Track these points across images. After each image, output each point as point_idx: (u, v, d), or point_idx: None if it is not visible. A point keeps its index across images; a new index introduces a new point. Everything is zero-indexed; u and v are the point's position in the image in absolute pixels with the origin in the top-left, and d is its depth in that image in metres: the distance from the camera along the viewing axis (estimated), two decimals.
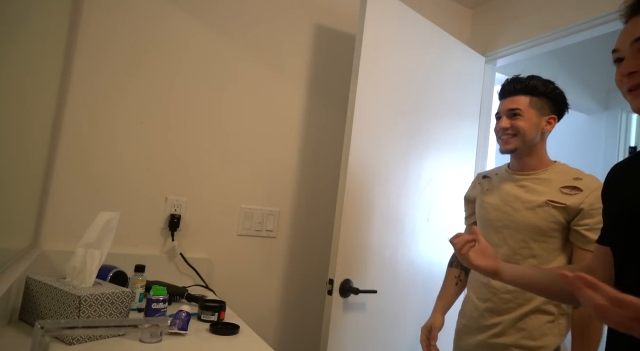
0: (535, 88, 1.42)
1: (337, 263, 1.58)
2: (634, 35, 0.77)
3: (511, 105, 1.41)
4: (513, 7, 2.20)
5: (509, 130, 1.41)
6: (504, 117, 1.42)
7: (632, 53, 0.77)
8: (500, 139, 1.44)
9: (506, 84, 1.46)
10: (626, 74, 0.77)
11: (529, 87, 1.42)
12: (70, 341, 0.95)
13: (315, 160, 1.99)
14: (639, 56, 0.76)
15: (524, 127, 1.39)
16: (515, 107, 1.40)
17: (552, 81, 1.47)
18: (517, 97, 1.42)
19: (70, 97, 1.55)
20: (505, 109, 1.42)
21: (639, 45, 0.76)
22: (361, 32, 1.66)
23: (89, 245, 1.12)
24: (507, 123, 1.40)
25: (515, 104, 1.41)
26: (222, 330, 1.18)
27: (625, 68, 0.77)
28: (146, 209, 1.66)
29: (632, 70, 0.76)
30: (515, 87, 1.43)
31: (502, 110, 1.44)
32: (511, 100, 1.42)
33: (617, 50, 0.81)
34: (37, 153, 1.27)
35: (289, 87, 1.94)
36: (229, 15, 1.82)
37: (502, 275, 1.05)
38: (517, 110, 1.40)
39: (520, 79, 1.44)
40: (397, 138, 1.82)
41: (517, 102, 1.41)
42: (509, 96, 1.44)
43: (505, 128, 1.40)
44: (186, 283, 1.68)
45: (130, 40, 1.64)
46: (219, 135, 1.80)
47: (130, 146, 1.64)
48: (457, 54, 2.10)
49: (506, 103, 1.43)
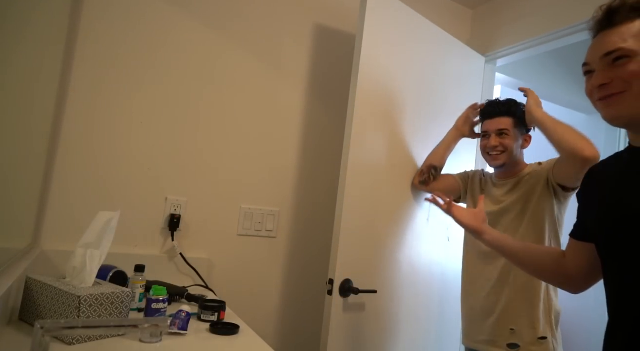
0: (517, 112, 1.57)
1: (337, 263, 1.58)
2: (603, 51, 0.84)
3: (500, 126, 1.57)
4: (513, 7, 2.20)
5: (498, 147, 1.56)
6: (494, 136, 1.57)
7: (603, 66, 0.84)
8: (489, 155, 1.59)
9: (491, 107, 1.62)
10: (597, 86, 0.84)
11: (512, 110, 1.57)
12: (70, 341, 0.95)
13: (315, 160, 1.99)
14: (609, 69, 0.83)
15: (511, 144, 1.56)
16: (503, 128, 1.56)
17: None
18: (504, 118, 1.57)
19: (70, 97, 1.55)
20: (495, 129, 1.57)
21: (608, 60, 0.83)
22: (361, 32, 1.65)
23: (89, 245, 1.12)
24: (497, 142, 1.56)
25: (503, 125, 1.57)
26: (222, 330, 1.18)
27: (596, 80, 0.84)
28: (146, 209, 1.66)
29: (603, 83, 0.84)
30: (501, 110, 1.59)
31: (490, 129, 1.59)
32: (498, 121, 1.58)
33: (588, 63, 0.89)
34: (37, 154, 1.27)
35: (289, 87, 1.94)
36: (228, 15, 1.82)
37: (485, 235, 1.23)
38: (505, 130, 1.56)
39: (504, 102, 1.61)
40: (397, 138, 1.82)
41: (504, 123, 1.57)
42: (496, 117, 1.59)
43: (495, 146, 1.56)
44: (186, 283, 1.68)
45: (130, 40, 1.64)
46: (219, 135, 1.80)
47: (130, 146, 1.64)
48: (457, 54, 2.10)
49: (494, 123, 1.58)
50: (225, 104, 1.81)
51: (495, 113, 1.59)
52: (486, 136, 1.60)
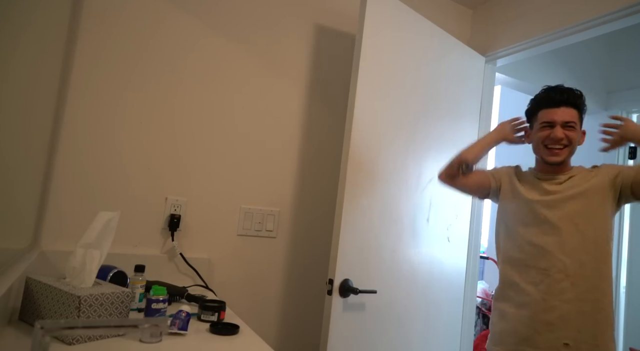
0: (582, 104, 1.45)
1: (337, 263, 1.58)
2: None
3: (567, 117, 1.40)
4: (513, 7, 2.20)
5: (563, 140, 1.40)
6: (559, 127, 1.40)
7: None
8: (549, 149, 1.42)
9: (557, 94, 1.43)
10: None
11: (578, 101, 1.43)
12: (70, 341, 0.95)
13: (315, 160, 1.99)
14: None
15: (575, 139, 1.42)
16: (570, 120, 1.40)
17: None
18: (570, 109, 1.41)
19: (70, 97, 1.55)
20: (562, 120, 1.40)
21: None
22: (361, 32, 1.66)
23: (88, 245, 1.12)
24: (563, 134, 1.39)
25: (570, 116, 1.41)
26: (222, 330, 1.18)
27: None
28: (146, 209, 1.66)
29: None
30: (568, 98, 1.42)
31: (557, 119, 1.40)
32: (566, 112, 1.41)
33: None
34: (37, 153, 1.27)
35: (289, 87, 1.94)
36: (228, 15, 1.82)
37: None
38: (572, 122, 1.40)
39: (572, 91, 1.44)
40: (397, 138, 1.82)
41: (571, 115, 1.41)
42: (563, 106, 1.41)
43: (561, 138, 1.39)
44: (186, 283, 1.68)
45: (130, 40, 1.64)
46: (219, 135, 1.80)
47: (130, 146, 1.64)
48: (457, 53, 2.10)
49: (561, 113, 1.40)
50: (225, 104, 1.81)
51: (562, 102, 1.41)
52: (548, 126, 1.41)
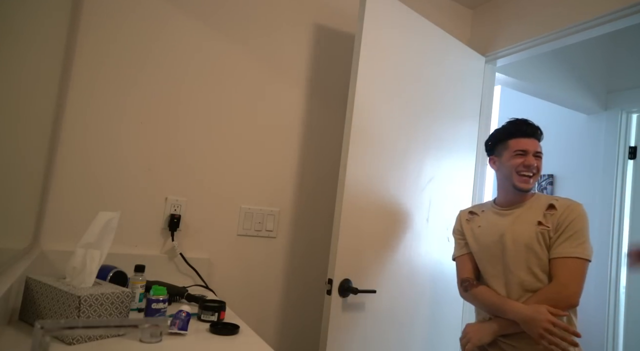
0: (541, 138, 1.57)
1: (337, 263, 1.58)
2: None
3: (537, 148, 1.52)
4: (513, 7, 2.20)
5: (534, 168, 1.49)
6: (531, 156, 1.49)
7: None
8: (522, 176, 1.49)
9: (528, 127, 1.54)
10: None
11: (541, 137, 1.56)
12: (70, 341, 0.95)
13: (315, 160, 1.99)
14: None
15: (541, 169, 1.52)
16: (539, 151, 1.52)
17: None
18: (536, 141, 1.53)
19: (71, 97, 1.55)
20: (534, 150, 1.50)
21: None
22: (360, 33, 1.66)
23: (88, 245, 1.12)
24: (535, 161, 1.49)
25: (538, 147, 1.52)
26: (222, 330, 1.18)
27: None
28: (146, 209, 1.66)
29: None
30: (536, 133, 1.54)
31: (530, 149, 1.50)
32: (535, 143, 1.52)
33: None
34: (37, 153, 1.27)
35: (289, 87, 1.94)
36: (228, 15, 1.82)
37: None
38: (540, 153, 1.52)
39: (538, 127, 1.57)
40: (397, 138, 1.82)
41: (539, 146, 1.53)
42: (532, 137, 1.53)
43: (533, 165, 1.48)
44: (186, 283, 1.68)
45: (130, 40, 1.64)
46: (219, 135, 1.80)
47: (131, 146, 1.64)
48: (457, 54, 2.10)
49: (532, 144, 1.51)
50: (225, 104, 1.81)
51: (532, 134, 1.53)
52: (522, 154, 1.50)
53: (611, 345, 2.81)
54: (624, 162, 2.94)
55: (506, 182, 1.53)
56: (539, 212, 1.47)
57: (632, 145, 2.96)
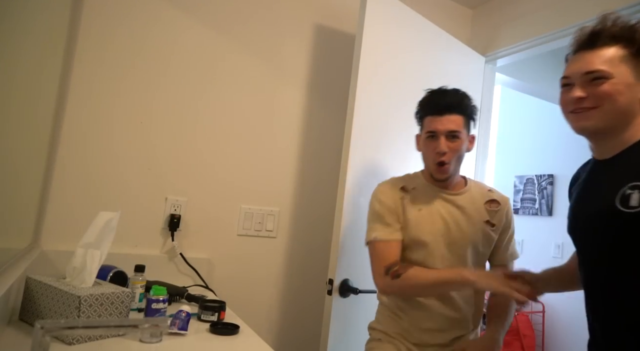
0: (468, 107, 1.31)
1: (337, 263, 1.58)
2: (584, 69, 0.98)
3: (451, 126, 1.26)
4: (513, 7, 2.20)
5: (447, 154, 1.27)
6: (443, 139, 1.26)
7: (582, 83, 0.97)
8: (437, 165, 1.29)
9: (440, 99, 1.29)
10: (576, 98, 0.97)
11: (464, 105, 1.30)
12: (70, 341, 0.95)
13: (315, 160, 1.99)
14: (587, 86, 0.97)
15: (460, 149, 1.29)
16: (455, 129, 1.26)
17: None
18: (455, 116, 1.27)
19: (70, 97, 1.55)
20: (445, 129, 1.26)
21: (587, 78, 0.97)
22: (361, 33, 1.66)
23: (89, 245, 1.12)
24: (446, 146, 1.26)
25: (454, 125, 1.26)
26: (222, 330, 1.18)
27: (575, 93, 0.98)
28: (146, 209, 1.66)
29: (581, 96, 0.97)
30: (452, 104, 1.27)
31: (440, 129, 1.26)
32: (450, 120, 1.26)
33: (568, 77, 1.02)
34: (37, 153, 1.27)
35: (289, 87, 1.94)
36: (229, 15, 1.82)
37: None
38: (457, 132, 1.27)
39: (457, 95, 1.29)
40: (397, 138, 1.82)
41: (457, 123, 1.27)
42: (447, 114, 1.26)
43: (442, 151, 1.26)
44: (186, 283, 1.68)
45: (130, 40, 1.64)
46: (219, 135, 1.80)
47: (130, 146, 1.64)
48: (457, 54, 2.10)
49: (445, 122, 1.26)
50: (225, 104, 1.81)
51: (445, 108, 1.26)
52: (432, 137, 1.28)
53: None
54: None
55: (427, 169, 1.36)
56: (480, 205, 1.33)
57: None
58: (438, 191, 1.34)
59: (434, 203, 1.32)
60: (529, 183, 3.41)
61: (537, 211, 3.32)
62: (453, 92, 1.30)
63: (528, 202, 3.39)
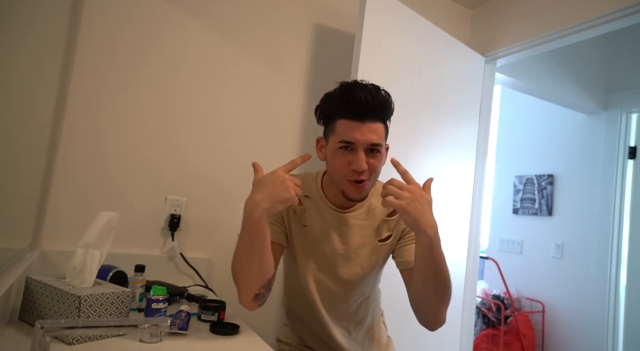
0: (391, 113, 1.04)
1: None
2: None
3: (374, 138, 1.00)
4: (513, 8, 2.21)
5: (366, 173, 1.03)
6: (362, 154, 1.01)
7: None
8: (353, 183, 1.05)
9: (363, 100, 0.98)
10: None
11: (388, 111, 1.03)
12: (70, 341, 0.95)
13: (315, 160, 1.99)
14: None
15: (379, 167, 1.07)
16: (377, 142, 1.01)
17: None
18: (377, 124, 1.01)
19: (71, 96, 1.55)
20: (367, 142, 1.00)
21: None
22: (360, 32, 1.66)
23: (89, 245, 1.12)
24: (364, 164, 1.02)
25: (377, 136, 1.01)
26: (222, 330, 1.18)
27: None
28: (146, 209, 1.66)
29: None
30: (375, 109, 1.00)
31: (360, 140, 1.00)
32: (372, 129, 1.00)
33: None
34: (37, 153, 1.27)
35: (289, 87, 1.94)
36: (228, 14, 1.82)
37: None
38: (379, 146, 1.02)
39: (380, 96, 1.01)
40: (397, 138, 1.82)
41: (379, 133, 1.02)
42: (369, 121, 1.00)
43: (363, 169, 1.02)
44: (186, 283, 1.68)
45: (130, 40, 1.64)
46: (219, 135, 1.80)
47: (130, 146, 1.64)
48: (456, 54, 2.10)
49: (366, 132, 0.99)
50: (225, 104, 1.81)
51: (368, 114, 0.99)
52: (350, 150, 1.02)
53: (611, 345, 2.81)
54: (624, 162, 2.94)
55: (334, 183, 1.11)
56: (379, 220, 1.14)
57: (632, 145, 2.96)
58: (334, 210, 1.15)
59: (326, 222, 1.15)
60: (528, 183, 3.41)
61: (536, 211, 3.32)
62: (375, 90, 1.00)
63: (528, 202, 3.39)
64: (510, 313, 3.15)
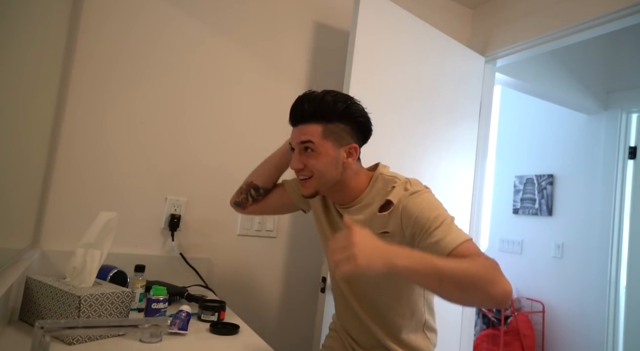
0: (329, 112, 1.07)
1: None
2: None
3: (302, 137, 1.08)
4: (513, 7, 2.21)
5: (304, 170, 1.10)
6: (297, 154, 1.10)
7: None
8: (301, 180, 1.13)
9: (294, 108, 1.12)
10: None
11: (320, 109, 1.07)
12: (70, 341, 0.95)
13: None
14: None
15: (318, 164, 1.09)
16: (306, 139, 1.08)
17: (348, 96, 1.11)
18: (309, 125, 1.08)
19: (70, 96, 1.55)
20: (298, 141, 1.09)
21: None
22: (354, 34, 1.67)
23: (89, 245, 1.12)
24: (299, 163, 1.10)
25: (306, 135, 1.08)
26: (222, 330, 1.18)
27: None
28: (146, 209, 1.66)
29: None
30: (304, 114, 1.09)
31: (293, 142, 1.12)
32: (302, 131, 1.09)
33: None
34: (37, 153, 1.27)
35: (289, 86, 1.94)
36: (228, 14, 1.82)
37: None
38: (309, 143, 1.08)
39: (309, 101, 1.08)
40: (396, 138, 1.82)
41: (310, 133, 1.08)
42: (301, 124, 1.10)
43: (298, 168, 1.11)
44: (186, 283, 1.68)
45: (129, 39, 1.64)
46: (219, 134, 1.80)
47: (130, 146, 1.64)
48: (455, 54, 2.10)
49: (297, 134, 1.10)
50: (225, 103, 1.81)
51: (298, 119, 1.11)
52: (292, 151, 1.15)
53: (611, 345, 2.81)
54: (624, 162, 2.94)
55: None
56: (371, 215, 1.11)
57: (632, 145, 2.96)
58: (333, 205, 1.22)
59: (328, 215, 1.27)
60: (528, 183, 3.41)
61: (537, 211, 3.32)
62: (313, 97, 1.09)
63: (528, 202, 3.39)
64: (510, 313, 3.16)
